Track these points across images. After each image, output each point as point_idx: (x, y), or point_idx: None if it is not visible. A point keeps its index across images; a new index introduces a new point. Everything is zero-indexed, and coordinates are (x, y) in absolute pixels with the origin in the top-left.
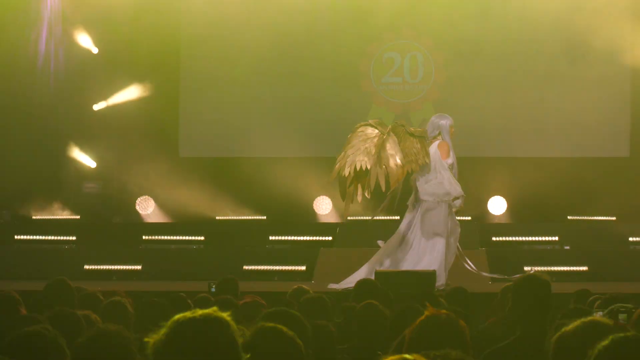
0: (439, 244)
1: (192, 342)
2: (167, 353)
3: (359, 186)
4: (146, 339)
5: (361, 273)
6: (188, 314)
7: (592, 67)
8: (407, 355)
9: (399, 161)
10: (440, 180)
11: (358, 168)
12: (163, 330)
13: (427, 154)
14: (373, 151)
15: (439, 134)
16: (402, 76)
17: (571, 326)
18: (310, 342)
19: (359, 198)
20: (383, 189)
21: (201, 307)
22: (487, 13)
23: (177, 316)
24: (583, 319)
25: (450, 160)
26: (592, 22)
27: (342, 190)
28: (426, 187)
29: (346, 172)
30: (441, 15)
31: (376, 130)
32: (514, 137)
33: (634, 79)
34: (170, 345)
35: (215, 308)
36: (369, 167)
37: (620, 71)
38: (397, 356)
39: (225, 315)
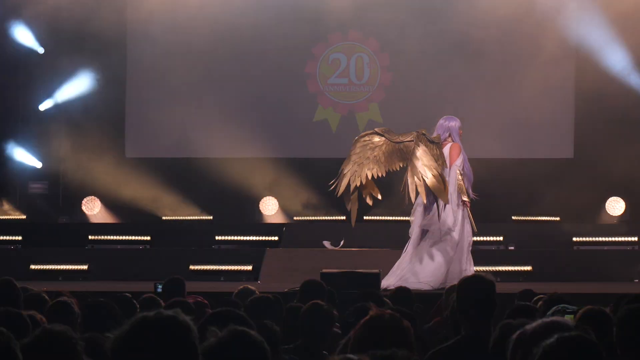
0: (459, 246)
1: (152, 341)
2: (126, 349)
3: (369, 192)
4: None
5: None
6: (152, 313)
7: (537, 69)
8: (351, 356)
9: (435, 171)
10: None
11: (370, 177)
12: (125, 327)
13: (444, 159)
14: (382, 159)
15: (449, 136)
16: (348, 77)
17: (531, 326)
18: None
19: (370, 201)
20: (424, 200)
21: (147, 308)
22: (433, 15)
23: (141, 314)
24: (544, 319)
25: (459, 162)
26: (537, 25)
27: (347, 197)
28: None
29: (357, 182)
30: (387, 16)
31: (383, 138)
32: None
33: (577, 81)
34: (130, 343)
35: (179, 310)
36: (381, 174)
37: (565, 73)
38: (341, 356)
39: (188, 318)
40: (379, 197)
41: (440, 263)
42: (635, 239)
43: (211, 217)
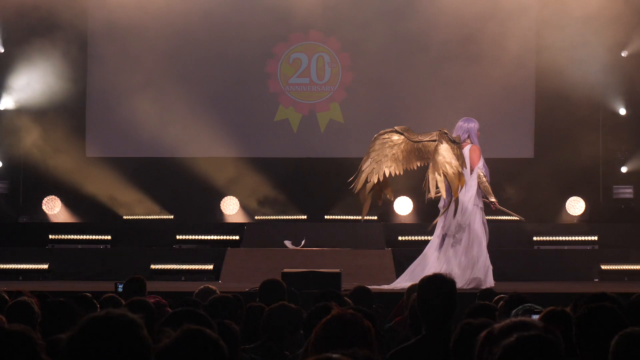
0: (482, 246)
1: (102, 341)
2: (76, 350)
3: (383, 190)
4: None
5: (406, 275)
6: (101, 313)
7: (498, 69)
8: (334, 355)
9: (455, 168)
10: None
11: (387, 174)
12: (75, 328)
13: (464, 160)
14: (400, 157)
15: (468, 137)
16: (309, 77)
17: (499, 325)
18: None
19: (379, 202)
20: (444, 195)
21: (108, 307)
22: (394, 15)
23: (90, 315)
24: (513, 319)
25: (480, 164)
26: (499, 26)
27: (363, 194)
28: (466, 193)
29: (375, 179)
30: (348, 16)
31: (402, 136)
32: None
33: (538, 81)
34: (80, 343)
35: (126, 309)
36: (399, 173)
37: (525, 74)
38: (324, 355)
39: (137, 316)
40: (392, 198)
41: (465, 263)
42: (595, 238)
43: (172, 217)
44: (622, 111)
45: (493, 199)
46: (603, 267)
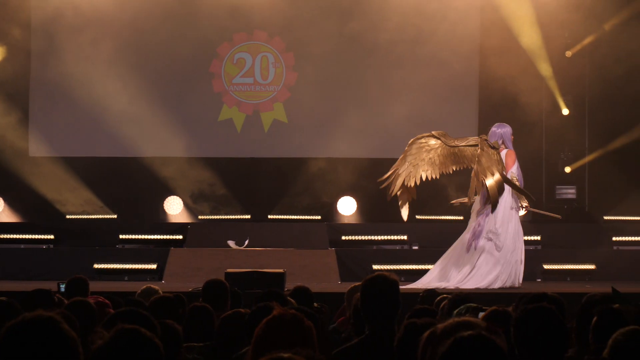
0: (516, 248)
1: (24, 345)
2: (2, 353)
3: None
4: None
5: (434, 272)
6: (17, 319)
7: (442, 71)
8: (284, 355)
9: (498, 175)
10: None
11: (424, 178)
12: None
13: (504, 165)
14: (437, 161)
15: (502, 142)
16: (253, 77)
17: (442, 325)
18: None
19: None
20: (479, 201)
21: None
22: (338, 15)
23: (6, 324)
24: (456, 319)
25: (514, 169)
26: (441, 25)
27: (402, 197)
28: (506, 195)
29: (412, 183)
30: (292, 16)
31: (439, 141)
32: (363, 137)
33: (481, 80)
34: (4, 351)
35: (41, 310)
36: (435, 176)
37: (469, 75)
38: (273, 355)
39: (55, 314)
40: (414, 197)
41: (491, 265)
42: (538, 238)
43: (115, 216)
44: (565, 111)
45: (525, 203)
46: (546, 266)
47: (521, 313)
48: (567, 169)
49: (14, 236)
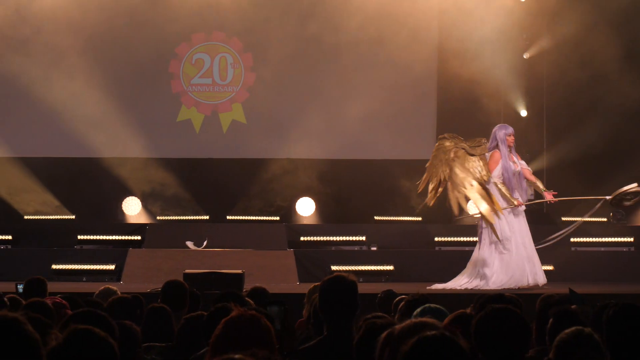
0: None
1: None
2: None
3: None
4: None
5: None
6: None
7: (400, 72)
8: (235, 356)
9: (472, 187)
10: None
11: (442, 178)
12: None
13: (488, 170)
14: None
15: (496, 145)
16: (212, 77)
17: (400, 325)
18: (117, 342)
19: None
20: (456, 212)
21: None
22: (297, 16)
23: None
24: (413, 320)
25: (495, 173)
26: (400, 28)
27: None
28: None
29: (435, 182)
30: (251, 17)
31: (452, 143)
32: (322, 138)
33: (439, 82)
34: None
35: (5, 310)
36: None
37: (426, 76)
38: (225, 356)
39: (18, 314)
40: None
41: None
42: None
43: (74, 217)
44: (523, 113)
45: (515, 203)
46: None
47: (485, 314)
48: None
49: None
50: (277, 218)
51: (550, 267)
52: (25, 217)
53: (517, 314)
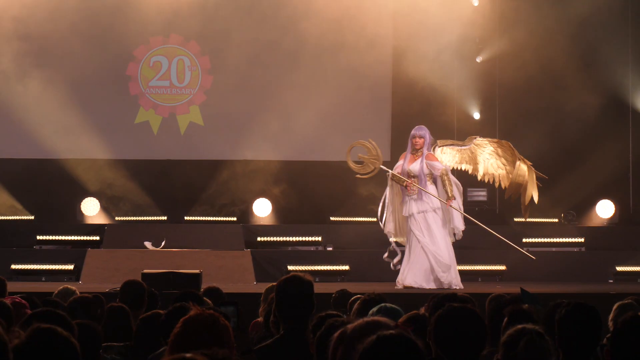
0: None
1: None
2: None
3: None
4: None
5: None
6: None
7: (355, 75)
8: (187, 355)
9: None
10: None
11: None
12: None
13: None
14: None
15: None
16: (170, 80)
17: (352, 325)
18: (77, 341)
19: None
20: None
21: None
22: (254, 19)
23: None
24: (366, 319)
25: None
26: (356, 33)
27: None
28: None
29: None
30: (208, 20)
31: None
32: (278, 140)
33: (394, 86)
34: None
35: None
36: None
37: (382, 80)
38: (177, 355)
39: None
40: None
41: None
42: (452, 240)
43: (32, 217)
44: (477, 116)
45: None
46: (458, 267)
47: (444, 313)
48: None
49: None
50: (234, 219)
51: (502, 267)
52: None
53: (475, 313)
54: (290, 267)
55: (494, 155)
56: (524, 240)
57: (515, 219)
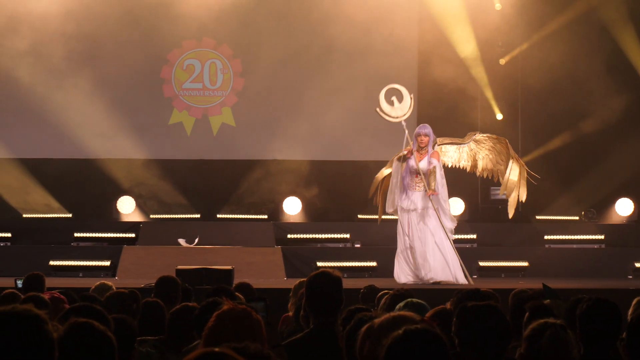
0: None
1: (7, 335)
2: None
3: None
4: None
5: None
6: (7, 307)
7: (381, 77)
8: (216, 349)
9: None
10: None
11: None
12: None
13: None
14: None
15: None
16: (202, 82)
17: (379, 319)
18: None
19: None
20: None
21: (8, 303)
22: (285, 22)
23: None
24: (392, 313)
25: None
26: (383, 37)
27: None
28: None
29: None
30: (240, 24)
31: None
32: (307, 141)
33: (419, 87)
34: None
35: (31, 305)
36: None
37: (407, 82)
38: (204, 350)
39: (42, 312)
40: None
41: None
42: (474, 236)
43: (70, 215)
44: (499, 116)
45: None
46: (481, 263)
47: (467, 311)
48: None
49: None
50: (265, 216)
51: (525, 264)
52: (24, 215)
53: (498, 311)
54: (319, 264)
55: (493, 151)
56: (545, 237)
57: (537, 217)
